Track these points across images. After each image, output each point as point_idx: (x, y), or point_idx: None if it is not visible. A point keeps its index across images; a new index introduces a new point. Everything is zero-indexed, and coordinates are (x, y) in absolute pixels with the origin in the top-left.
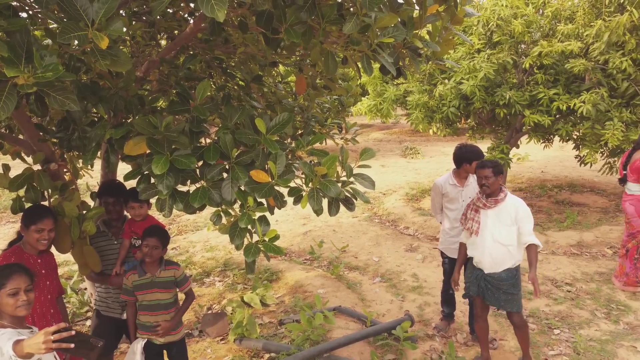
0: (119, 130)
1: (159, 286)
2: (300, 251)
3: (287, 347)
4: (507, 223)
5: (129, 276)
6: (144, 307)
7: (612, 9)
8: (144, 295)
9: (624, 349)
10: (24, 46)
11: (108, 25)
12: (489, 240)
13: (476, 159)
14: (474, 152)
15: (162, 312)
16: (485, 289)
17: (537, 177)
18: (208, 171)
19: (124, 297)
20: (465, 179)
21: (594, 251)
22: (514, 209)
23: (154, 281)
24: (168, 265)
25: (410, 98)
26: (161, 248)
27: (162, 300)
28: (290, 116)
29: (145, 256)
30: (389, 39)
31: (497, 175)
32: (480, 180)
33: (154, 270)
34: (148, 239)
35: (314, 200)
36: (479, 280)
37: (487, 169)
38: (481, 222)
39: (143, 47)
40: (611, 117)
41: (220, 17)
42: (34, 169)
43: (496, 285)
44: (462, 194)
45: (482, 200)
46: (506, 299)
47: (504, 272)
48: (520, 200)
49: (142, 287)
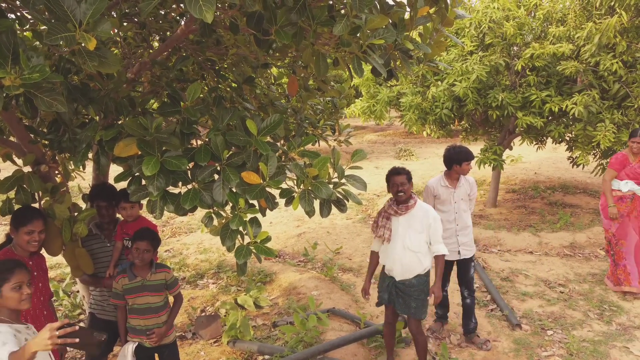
0: (110, 132)
1: (149, 289)
2: (294, 253)
3: (280, 349)
4: (418, 229)
5: (118, 280)
6: (135, 311)
7: (602, 11)
8: (135, 299)
9: (616, 349)
10: (11, 47)
11: (96, 27)
12: (399, 248)
13: (465, 160)
14: (463, 152)
15: (153, 315)
16: (396, 296)
17: (530, 179)
18: (199, 173)
19: (114, 301)
20: (456, 181)
21: (586, 252)
22: (425, 214)
23: (145, 284)
24: (158, 268)
25: (404, 99)
26: (152, 251)
27: (152, 303)
28: (282, 117)
29: (136, 259)
30: (380, 41)
31: (410, 182)
32: (396, 188)
33: (144, 274)
34: (138, 242)
35: (306, 202)
36: (390, 288)
37: (402, 176)
38: (392, 229)
39: (134, 49)
40: (603, 118)
41: (208, 18)
42: (25, 171)
43: (407, 292)
44: (454, 196)
45: (393, 207)
46: (416, 305)
47: (415, 279)
48: (430, 206)
49: (133, 290)
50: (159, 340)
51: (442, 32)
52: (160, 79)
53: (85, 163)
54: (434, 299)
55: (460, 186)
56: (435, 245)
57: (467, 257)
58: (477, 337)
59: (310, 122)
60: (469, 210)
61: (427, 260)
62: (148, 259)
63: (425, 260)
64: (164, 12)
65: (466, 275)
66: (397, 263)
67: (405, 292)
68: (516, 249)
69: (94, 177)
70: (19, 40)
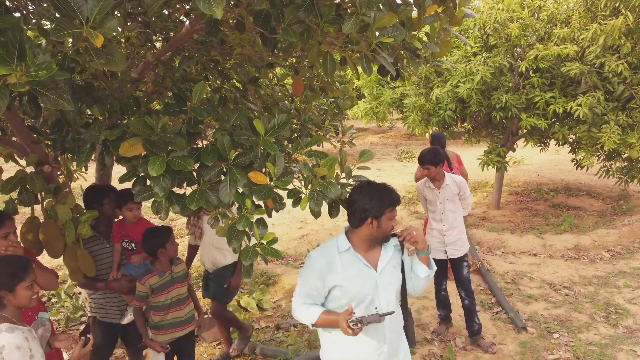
0: (114, 132)
1: (177, 281)
2: (297, 255)
3: (284, 352)
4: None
5: (145, 281)
6: (168, 306)
7: (607, 12)
8: (167, 294)
9: (623, 352)
10: (16, 44)
11: (103, 24)
12: (207, 245)
13: (421, 163)
14: (439, 154)
15: (184, 306)
16: (206, 284)
17: (533, 181)
18: (205, 173)
19: (138, 304)
20: (439, 181)
21: (591, 254)
22: None
23: (174, 277)
24: (177, 260)
25: (407, 101)
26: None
27: (182, 294)
28: (289, 118)
29: (168, 255)
30: (389, 39)
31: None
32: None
33: (169, 268)
34: (171, 239)
35: (314, 202)
36: (206, 279)
37: None
38: (203, 227)
39: (138, 49)
40: (607, 120)
41: (217, 14)
42: (27, 171)
43: (216, 281)
44: (439, 196)
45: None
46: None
47: (222, 269)
48: None
49: (165, 286)
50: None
51: (449, 31)
52: (164, 79)
53: (87, 164)
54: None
55: (444, 187)
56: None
57: (455, 256)
58: (482, 340)
59: (314, 123)
60: (459, 211)
61: (232, 257)
62: (175, 253)
63: (230, 256)
64: (169, 12)
65: (459, 275)
66: (206, 258)
67: (215, 281)
68: (520, 251)
69: (96, 178)
70: (24, 37)
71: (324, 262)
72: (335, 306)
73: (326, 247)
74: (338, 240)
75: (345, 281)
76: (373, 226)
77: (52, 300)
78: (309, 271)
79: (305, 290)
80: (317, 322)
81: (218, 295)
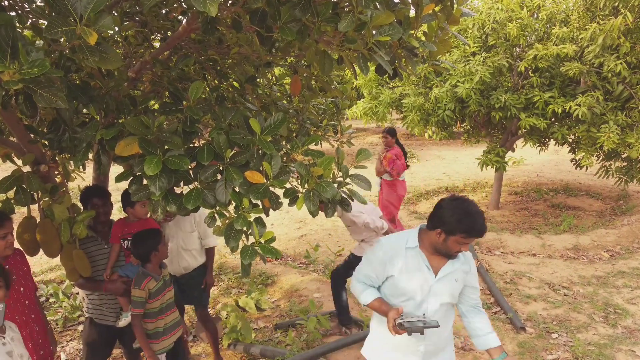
0: (111, 131)
1: (167, 285)
2: (295, 255)
3: (282, 352)
4: (188, 230)
5: (144, 285)
6: (165, 309)
7: (606, 12)
8: (163, 297)
9: (622, 353)
10: (10, 41)
11: (97, 21)
12: (176, 250)
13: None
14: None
15: (174, 308)
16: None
17: (532, 181)
18: (202, 172)
19: (137, 311)
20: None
21: (590, 255)
22: (193, 215)
23: (165, 281)
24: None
25: (406, 101)
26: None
27: (171, 297)
28: (285, 116)
29: (160, 258)
30: (386, 38)
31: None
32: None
33: (160, 271)
34: (162, 241)
35: (310, 202)
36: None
37: None
38: (166, 234)
39: (136, 48)
40: (606, 120)
41: (212, 12)
42: (24, 171)
43: (191, 284)
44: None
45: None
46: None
47: (194, 272)
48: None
49: (160, 290)
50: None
51: (447, 30)
52: (161, 79)
53: (85, 163)
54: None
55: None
56: (205, 239)
57: None
58: None
59: (313, 122)
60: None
61: (202, 256)
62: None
63: (200, 256)
64: (166, 11)
65: None
66: (174, 262)
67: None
68: (519, 251)
69: (94, 178)
70: (18, 35)
71: (390, 251)
72: (388, 293)
73: (397, 239)
74: (409, 236)
75: (402, 275)
76: (440, 238)
77: (50, 300)
78: (374, 255)
79: (366, 270)
80: (369, 304)
81: (197, 300)
